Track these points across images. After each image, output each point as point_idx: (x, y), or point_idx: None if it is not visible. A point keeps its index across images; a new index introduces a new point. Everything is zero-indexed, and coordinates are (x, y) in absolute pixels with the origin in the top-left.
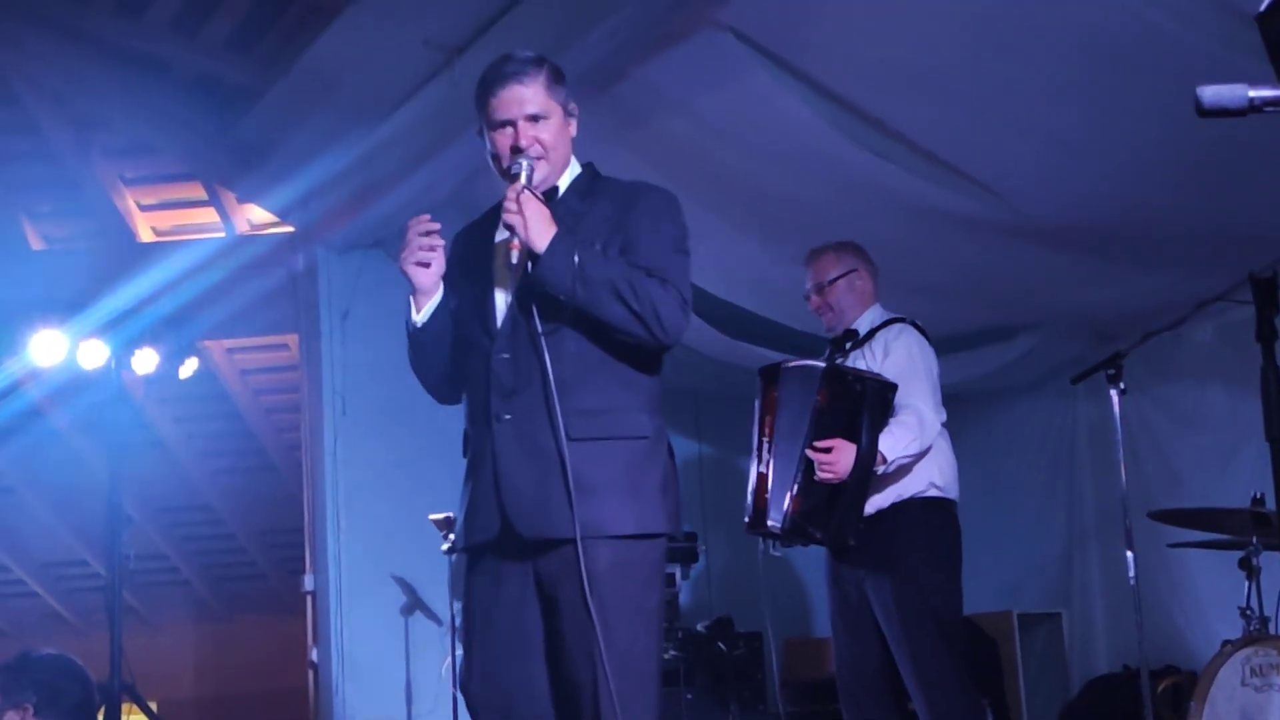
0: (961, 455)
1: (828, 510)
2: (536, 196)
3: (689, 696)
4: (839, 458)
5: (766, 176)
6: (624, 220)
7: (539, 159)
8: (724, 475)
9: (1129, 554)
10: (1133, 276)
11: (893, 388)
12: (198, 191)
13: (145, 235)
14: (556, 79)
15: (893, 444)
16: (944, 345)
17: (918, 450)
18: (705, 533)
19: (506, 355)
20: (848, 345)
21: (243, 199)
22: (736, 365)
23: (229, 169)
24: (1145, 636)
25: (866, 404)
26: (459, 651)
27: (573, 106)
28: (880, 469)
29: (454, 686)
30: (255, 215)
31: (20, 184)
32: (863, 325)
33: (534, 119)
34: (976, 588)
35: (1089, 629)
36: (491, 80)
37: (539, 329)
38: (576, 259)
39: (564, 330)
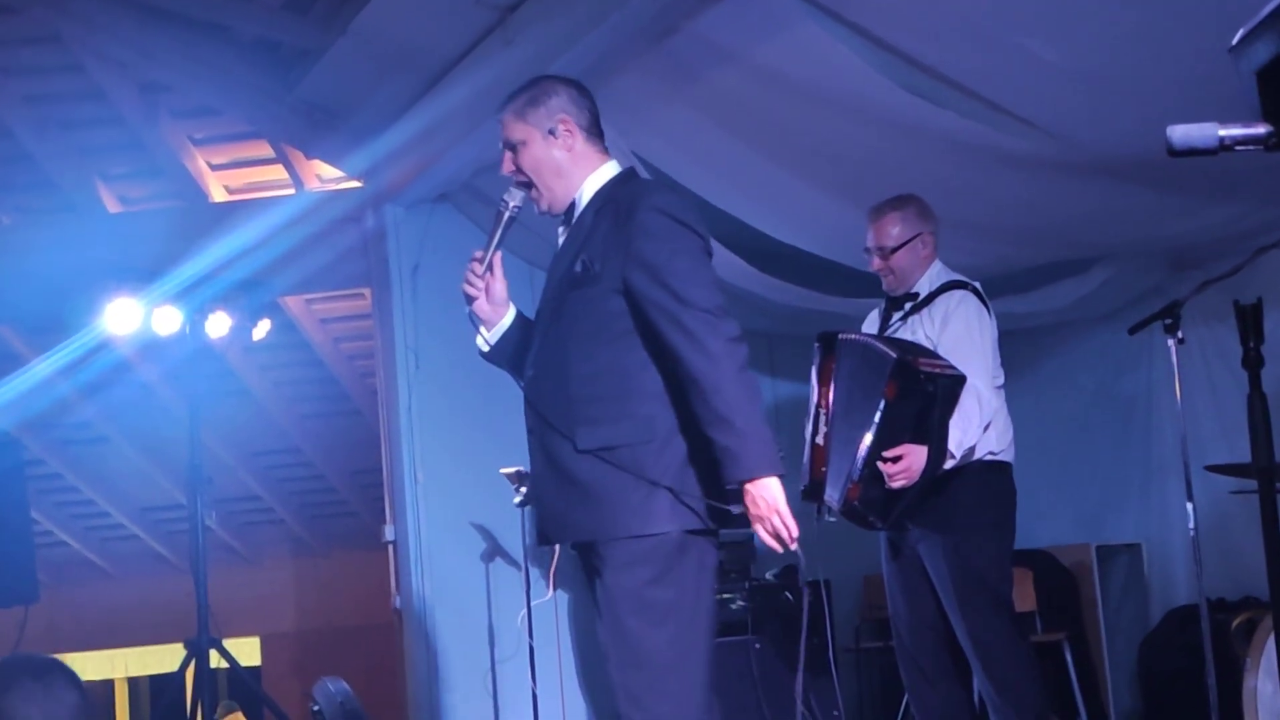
0: (1039, 387)
1: (889, 502)
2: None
3: (757, 646)
4: (910, 464)
5: (821, 123)
6: (617, 247)
7: (524, 186)
8: (800, 415)
9: (1189, 505)
10: (1202, 208)
11: (962, 380)
12: (266, 150)
13: (218, 195)
14: (532, 102)
15: (959, 438)
16: (1020, 281)
17: (980, 434)
18: None
19: (532, 371)
20: (906, 306)
21: (310, 156)
22: (807, 309)
23: (294, 128)
24: (1223, 570)
25: (937, 403)
26: (534, 602)
27: (560, 124)
28: (948, 464)
29: (530, 637)
30: (325, 171)
31: (92, 148)
32: (923, 286)
33: (510, 147)
34: (1055, 519)
35: (1169, 560)
36: None
37: (547, 345)
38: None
39: (571, 345)
